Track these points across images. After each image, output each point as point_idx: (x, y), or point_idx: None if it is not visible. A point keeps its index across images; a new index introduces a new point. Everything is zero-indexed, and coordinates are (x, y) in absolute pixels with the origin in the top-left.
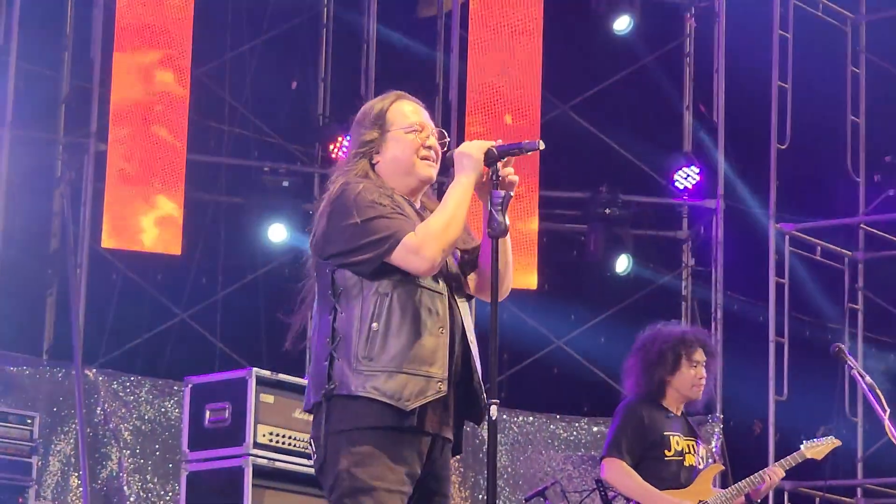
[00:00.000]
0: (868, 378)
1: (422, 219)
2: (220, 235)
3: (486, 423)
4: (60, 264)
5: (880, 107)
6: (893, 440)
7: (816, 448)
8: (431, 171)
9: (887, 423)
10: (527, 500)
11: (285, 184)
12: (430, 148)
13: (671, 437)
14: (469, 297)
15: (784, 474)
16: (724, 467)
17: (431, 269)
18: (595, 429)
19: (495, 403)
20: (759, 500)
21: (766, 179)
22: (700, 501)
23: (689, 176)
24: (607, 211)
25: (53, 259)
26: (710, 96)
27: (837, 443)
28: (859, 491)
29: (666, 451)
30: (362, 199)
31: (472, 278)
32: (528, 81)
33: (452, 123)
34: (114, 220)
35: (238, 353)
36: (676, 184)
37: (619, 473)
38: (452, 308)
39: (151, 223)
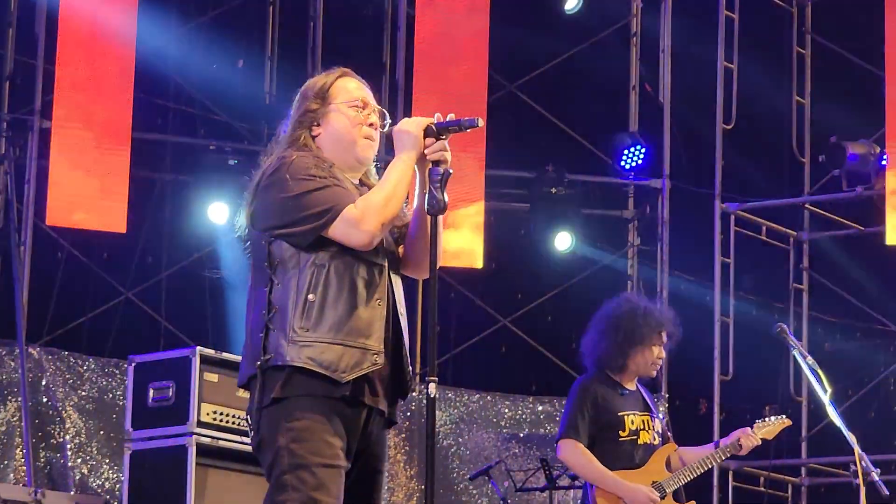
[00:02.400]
0: (810, 358)
1: (360, 194)
2: (166, 214)
3: (425, 399)
4: (4, 242)
5: (825, 88)
6: (834, 420)
7: (767, 427)
8: (370, 152)
9: (828, 403)
10: (471, 478)
11: (232, 162)
12: (371, 125)
13: (626, 416)
14: (401, 273)
15: (729, 454)
16: (676, 447)
17: (370, 243)
18: (540, 408)
19: (434, 381)
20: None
21: (712, 159)
22: (653, 482)
23: (634, 156)
24: (553, 190)
25: None
26: (657, 76)
27: (788, 422)
28: (804, 470)
29: (620, 432)
30: (299, 171)
31: (400, 252)
32: (475, 60)
33: (399, 102)
34: (58, 197)
35: (183, 331)
36: (622, 163)
37: (575, 455)
38: (389, 281)
39: (96, 201)
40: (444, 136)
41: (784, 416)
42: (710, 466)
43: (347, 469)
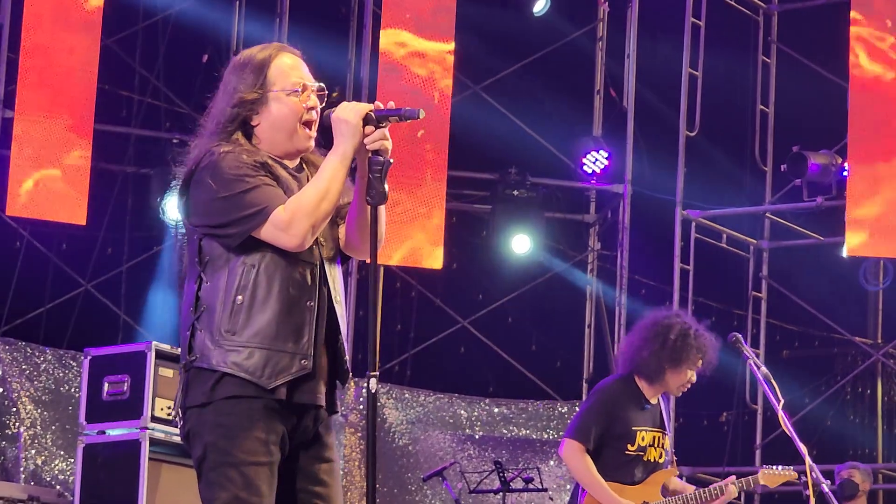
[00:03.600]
0: (763, 368)
1: (297, 181)
2: (127, 206)
3: (364, 390)
4: None
5: (789, 97)
6: (786, 429)
7: (772, 476)
8: (309, 143)
9: (781, 412)
10: (425, 479)
11: None
12: (311, 109)
13: (638, 432)
14: (341, 259)
15: (736, 494)
16: (676, 472)
17: (301, 245)
18: (496, 410)
19: (375, 376)
20: None
21: (674, 166)
22: (644, 502)
23: (597, 160)
24: (515, 193)
25: None
26: (621, 81)
27: (794, 475)
28: None
29: (629, 446)
30: (229, 171)
31: (340, 231)
32: (440, 61)
33: (363, 100)
34: (19, 187)
35: (142, 324)
36: (585, 168)
37: (576, 457)
38: (322, 274)
39: (57, 192)
40: (383, 125)
41: (792, 469)
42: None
43: (277, 463)
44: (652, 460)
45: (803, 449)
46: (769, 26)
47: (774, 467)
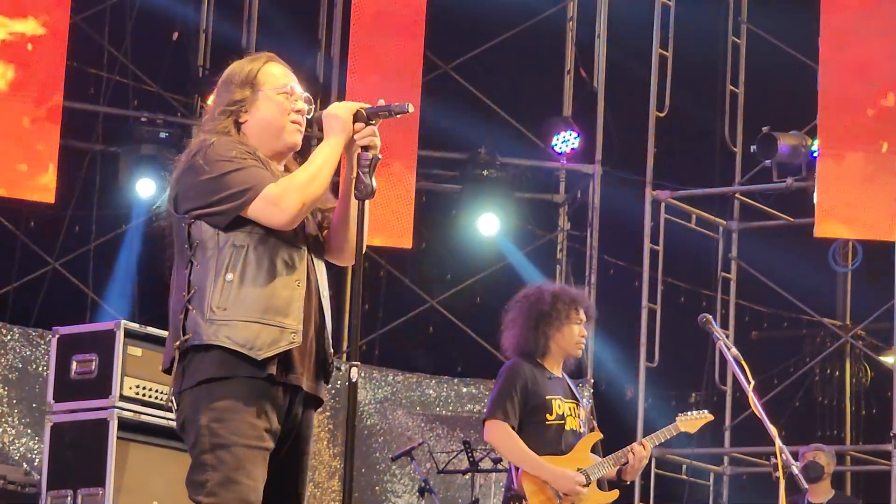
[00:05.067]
0: (734, 349)
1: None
2: (95, 185)
3: (346, 382)
4: None
5: (759, 78)
6: (756, 411)
7: (690, 421)
8: (298, 137)
9: (751, 393)
10: (393, 459)
11: (163, 135)
12: (299, 112)
13: (553, 400)
14: (324, 258)
15: (650, 449)
16: (601, 436)
17: (290, 222)
18: (465, 389)
19: (356, 365)
20: (631, 479)
21: (644, 146)
22: (578, 469)
23: (567, 140)
24: (485, 172)
25: None
26: (591, 61)
27: (711, 417)
28: (726, 459)
29: (548, 416)
30: (218, 154)
31: (324, 237)
32: (411, 40)
33: (334, 77)
34: None
35: (110, 303)
36: (555, 148)
37: (502, 436)
38: (310, 265)
39: (25, 170)
40: (373, 122)
41: (707, 412)
42: (614, 467)
43: (271, 450)
44: (573, 429)
45: (773, 431)
46: (739, 7)
47: (690, 413)
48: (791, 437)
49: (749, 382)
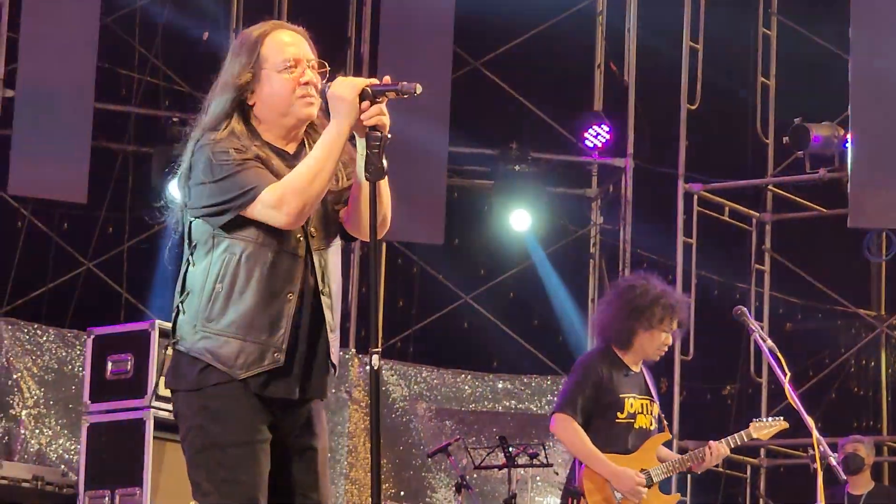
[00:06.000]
0: (769, 341)
1: (291, 168)
2: (128, 185)
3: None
4: None
5: (790, 69)
6: (793, 402)
7: (764, 429)
8: (311, 109)
9: (787, 385)
10: (430, 455)
11: None
12: (307, 84)
13: (626, 398)
14: (346, 240)
15: (728, 452)
16: (670, 436)
17: (294, 223)
18: (500, 385)
19: (377, 353)
20: (700, 472)
21: (676, 139)
22: (642, 470)
23: (599, 134)
24: (517, 168)
25: None
26: (622, 55)
27: (785, 425)
28: (762, 451)
29: (618, 414)
30: (214, 157)
31: (342, 213)
32: (440, 36)
33: (363, 76)
34: (20, 166)
35: (144, 303)
36: (586, 142)
37: (568, 431)
38: (308, 265)
39: (57, 171)
40: (380, 100)
41: (781, 419)
42: (689, 466)
43: (268, 441)
44: (643, 427)
45: (810, 422)
46: None
47: (765, 419)
48: (827, 428)
49: (785, 374)
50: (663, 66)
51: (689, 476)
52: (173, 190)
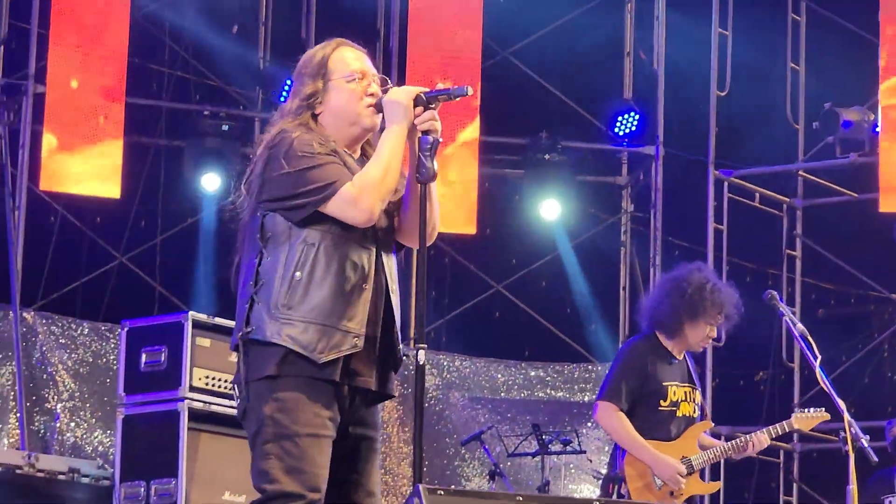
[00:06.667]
0: (800, 325)
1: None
2: (160, 179)
3: (413, 367)
4: None
5: (820, 54)
6: (824, 386)
7: (806, 419)
8: (376, 119)
9: (818, 368)
10: (463, 444)
11: (225, 128)
12: (372, 95)
13: (669, 386)
14: (397, 249)
15: (769, 441)
16: (712, 424)
17: (370, 219)
18: (533, 373)
19: (423, 348)
20: (738, 459)
21: (706, 126)
22: (683, 457)
23: (628, 122)
24: (547, 157)
25: None
26: (651, 42)
27: (827, 416)
28: (795, 436)
29: (661, 402)
30: (298, 148)
31: (395, 221)
32: (469, 27)
33: (393, 68)
34: (52, 162)
35: (177, 296)
36: (616, 130)
37: (612, 419)
38: (378, 262)
39: (90, 166)
40: (433, 106)
41: (823, 410)
42: (730, 454)
43: (333, 438)
44: (686, 415)
45: (842, 405)
46: None
47: (807, 410)
48: (861, 413)
49: (815, 357)
50: (692, 53)
51: (722, 462)
52: (208, 184)
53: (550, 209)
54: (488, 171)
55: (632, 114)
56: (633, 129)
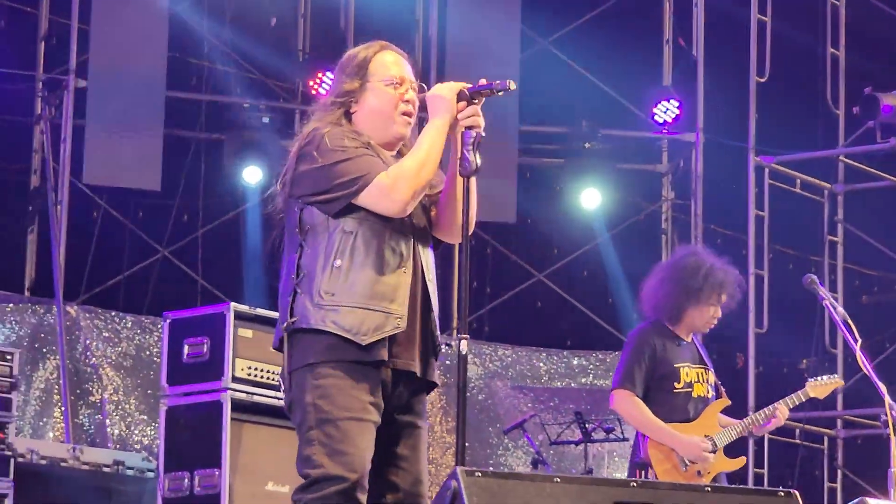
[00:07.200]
0: (840, 309)
1: None
2: (200, 172)
3: (456, 357)
4: (41, 201)
5: (859, 39)
6: (864, 368)
7: (820, 386)
8: (406, 129)
9: (859, 353)
10: (506, 432)
11: (265, 120)
12: (408, 102)
13: (681, 368)
14: (434, 244)
15: (787, 413)
16: (729, 402)
17: (403, 210)
18: (575, 361)
19: (465, 338)
20: (760, 435)
21: (746, 112)
22: (705, 436)
23: (668, 110)
24: (587, 145)
25: (34, 196)
26: (690, 29)
27: (841, 382)
28: (839, 422)
29: (675, 384)
30: (330, 143)
31: (432, 214)
32: (507, 16)
33: (432, 58)
34: (94, 156)
35: (220, 288)
36: (656, 117)
37: (629, 405)
38: (416, 251)
39: (131, 159)
40: (476, 101)
41: (837, 376)
42: (751, 429)
43: (377, 423)
44: (701, 396)
45: (883, 389)
46: None
47: (820, 378)
48: None
49: (856, 341)
50: (732, 38)
51: (766, 449)
52: (249, 177)
53: (591, 198)
54: (528, 160)
55: (672, 101)
56: (674, 116)
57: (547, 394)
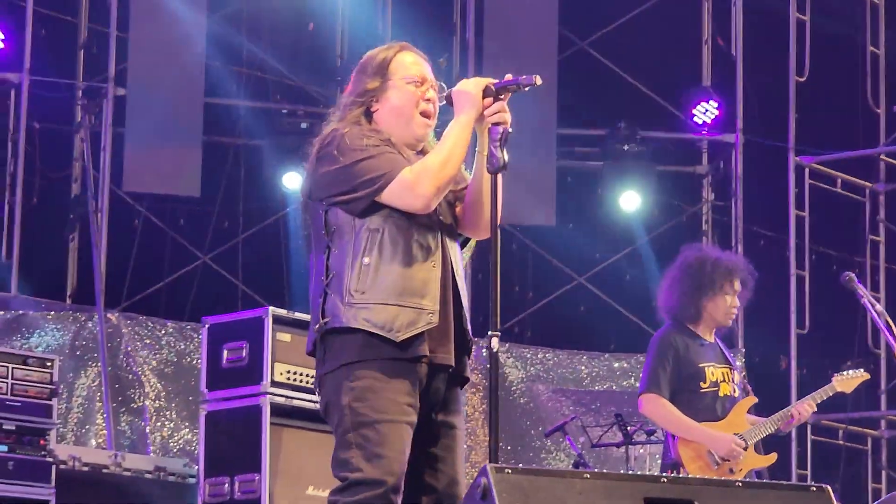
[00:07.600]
0: (879, 306)
1: None
2: (240, 178)
3: (492, 354)
4: (81, 209)
5: None
6: None
7: (846, 381)
8: (426, 129)
9: None
10: (547, 435)
11: (304, 125)
12: (429, 101)
13: (706, 367)
14: (460, 240)
15: (815, 408)
16: (756, 399)
17: (427, 206)
18: (616, 364)
19: (496, 336)
20: (787, 432)
21: (785, 112)
22: (735, 433)
23: (707, 111)
24: (626, 147)
25: (75, 204)
26: (729, 30)
27: (866, 376)
28: (883, 423)
29: (701, 384)
30: (350, 142)
31: (458, 211)
32: (545, 19)
33: (470, 61)
34: (134, 163)
35: (260, 294)
36: (695, 119)
37: (658, 408)
38: (444, 245)
39: (171, 166)
40: (502, 97)
41: (863, 370)
42: (780, 426)
43: (414, 423)
44: (727, 395)
45: None
46: None
47: (847, 372)
48: None
49: (895, 338)
50: (771, 38)
51: (808, 450)
52: (289, 183)
53: (630, 200)
54: (567, 163)
55: (711, 102)
56: (713, 117)
57: (588, 397)
